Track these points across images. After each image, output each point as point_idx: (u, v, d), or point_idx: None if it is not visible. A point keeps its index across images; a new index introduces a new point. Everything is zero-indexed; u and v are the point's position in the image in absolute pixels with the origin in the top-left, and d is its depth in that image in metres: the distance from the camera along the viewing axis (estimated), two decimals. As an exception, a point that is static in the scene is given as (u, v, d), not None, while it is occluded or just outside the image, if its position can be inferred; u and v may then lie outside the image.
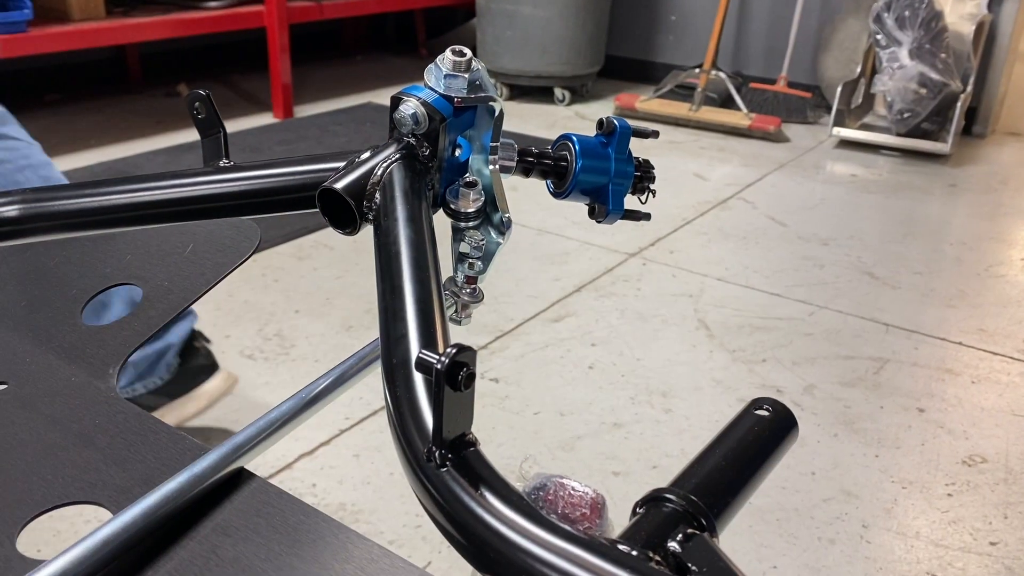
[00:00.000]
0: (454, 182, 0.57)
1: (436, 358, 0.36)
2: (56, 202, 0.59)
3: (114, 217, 0.57)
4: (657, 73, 4.38)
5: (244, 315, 2.15)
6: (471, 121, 0.57)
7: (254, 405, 1.80)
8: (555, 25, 3.96)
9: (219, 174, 0.58)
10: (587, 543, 0.34)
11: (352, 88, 4.34)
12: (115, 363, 0.57)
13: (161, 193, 0.58)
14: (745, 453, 0.42)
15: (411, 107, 0.54)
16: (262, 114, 3.80)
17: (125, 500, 0.43)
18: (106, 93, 4.01)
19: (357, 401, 1.79)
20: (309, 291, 2.30)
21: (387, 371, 0.43)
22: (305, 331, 2.09)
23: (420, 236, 0.50)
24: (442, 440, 0.37)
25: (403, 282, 0.47)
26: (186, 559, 0.42)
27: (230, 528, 0.43)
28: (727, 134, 3.76)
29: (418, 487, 0.38)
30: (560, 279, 2.39)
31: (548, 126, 3.82)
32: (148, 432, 0.51)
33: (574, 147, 0.60)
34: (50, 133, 3.43)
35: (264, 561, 0.42)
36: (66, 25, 3.13)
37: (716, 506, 0.38)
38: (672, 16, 4.50)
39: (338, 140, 3.49)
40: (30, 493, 0.47)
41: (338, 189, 0.52)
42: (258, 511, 0.44)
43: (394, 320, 0.45)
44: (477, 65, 0.55)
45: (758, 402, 0.44)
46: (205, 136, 0.61)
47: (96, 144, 3.33)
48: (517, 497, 0.37)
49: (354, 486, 1.58)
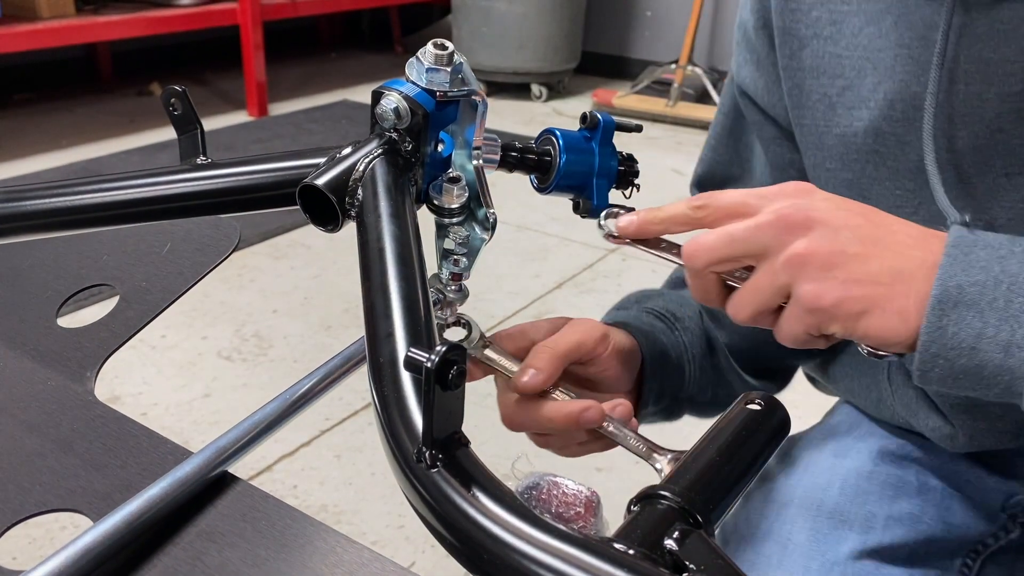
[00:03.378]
0: (437, 177, 0.56)
1: (426, 356, 0.35)
2: (29, 201, 0.57)
3: (89, 216, 0.56)
4: (633, 69, 4.39)
5: (221, 316, 2.13)
6: (454, 115, 0.56)
7: (233, 408, 1.78)
8: (531, 21, 3.95)
9: (197, 171, 0.57)
10: (583, 543, 0.33)
11: (327, 85, 4.31)
12: (92, 366, 0.55)
13: (137, 191, 0.56)
14: (738, 448, 0.41)
15: (393, 101, 0.53)
16: (236, 112, 3.77)
17: (106, 507, 0.42)
18: (77, 92, 3.96)
19: (337, 401, 1.78)
20: (286, 291, 2.28)
21: (374, 370, 0.42)
22: (283, 331, 2.07)
23: (404, 232, 0.49)
24: (432, 440, 0.37)
25: (388, 279, 0.46)
26: (170, 566, 0.41)
27: (215, 534, 0.42)
28: (704, 129, 3.77)
29: (408, 488, 0.37)
30: (540, 275, 2.39)
31: (526, 122, 3.82)
32: (128, 436, 0.49)
33: (558, 142, 0.60)
34: (20, 133, 3.38)
35: (251, 567, 0.41)
36: (35, 23, 3.08)
37: (711, 502, 0.38)
38: (648, 12, 4.51)
39: (313, 138, 3.46)
40: (7, 501, 0.46)
41: (319, 185, 0.51)
42: (243, 515, 0.43)
43: (380, 318, 0.44)
44: (459, 59, 0.54)
45: (749, 396, 0.44)
46: (182, 133, 0.60)
47: (68, 144, 3.29)
48: (510, 497, 0.36)
49: (336, 487, 1.57)
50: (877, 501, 0.72)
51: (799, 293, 0.49)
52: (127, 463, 0.48)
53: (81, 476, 0.47)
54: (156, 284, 0.61)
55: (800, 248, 0.49)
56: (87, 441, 0.50)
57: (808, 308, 0.49)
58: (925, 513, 0.72)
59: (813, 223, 0.49)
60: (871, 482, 0.74)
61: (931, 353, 0.48)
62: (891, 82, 0.64)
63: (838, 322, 0.49)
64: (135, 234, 0.65)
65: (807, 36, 0.68)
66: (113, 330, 0.58)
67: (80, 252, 0.65)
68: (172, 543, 0.42)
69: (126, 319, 0.59)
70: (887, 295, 0.48)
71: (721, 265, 0.52)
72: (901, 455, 0.75)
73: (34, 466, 0.48)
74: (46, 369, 0.56)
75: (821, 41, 0.68)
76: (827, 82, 0.68)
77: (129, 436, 0.50)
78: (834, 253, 0.48)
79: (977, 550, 0.72)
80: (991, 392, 0.48)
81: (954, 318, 0.47)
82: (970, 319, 0.46)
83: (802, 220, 0.49)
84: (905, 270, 0.48)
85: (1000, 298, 0.46)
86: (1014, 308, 0.46)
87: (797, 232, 0.49)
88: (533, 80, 4.14)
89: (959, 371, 0.47)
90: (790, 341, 0.52)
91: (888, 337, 0.48)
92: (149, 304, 0.60)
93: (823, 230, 0.49)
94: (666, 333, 0.73)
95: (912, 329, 0.48)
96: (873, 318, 0.48)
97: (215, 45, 4.40)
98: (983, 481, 0.73)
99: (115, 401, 1.80)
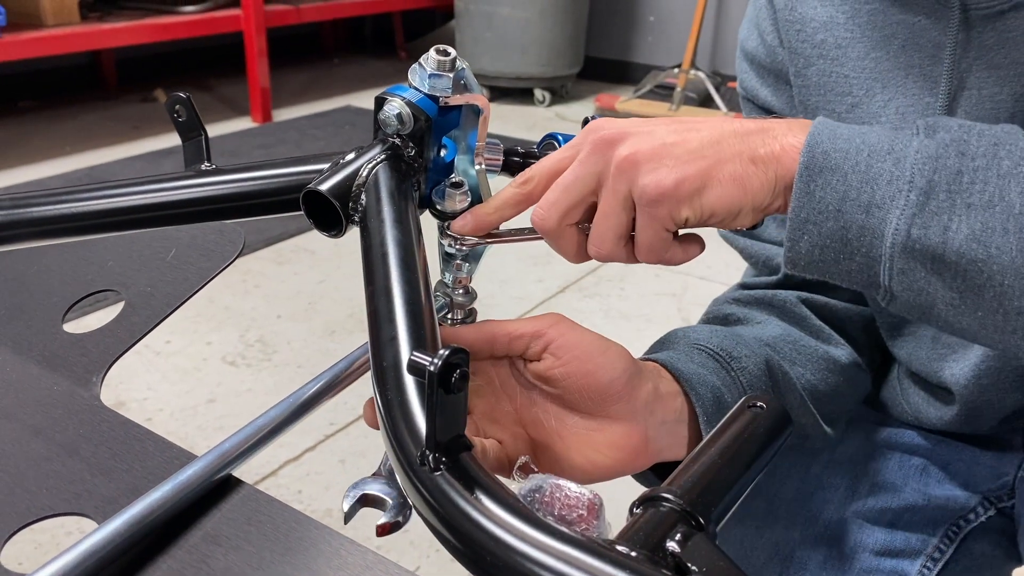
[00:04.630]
0: (440, 183, 0.56)
1: (429, 360, 0.35)
2: (35, 208, 0.58)
3: (95, 223, 0.56)
4: (636, 73, 4.39)
5: (225, 321, 2.13)
6: (457, 121, 0.56)
7: (237, 413, 1.78)
8: (534, 26, 3.96)
9: (201, 177, 0.57)
10: (586, 545, 0.33)
11: (331, 91, 4.32)
12: (98, 371, 0.56)
13: (143, 198, 0.57)
14: (739, 451, 0.41)
15: (396, 107, 0.53)
16: (240, 118, 3.78)
17: (111, 510, 0.42)
18: (82, 99, 3.97)
19: (342, 406, 1.78)
20: (290, 296, 2.28)
21: (378, 374, 0.42)
22: (287, 336, 2.08)
23: (408, 237, 0.49)
24: (436, 443, 0.37)
25: (392, 284, 0.46)
26: (175, 569, 0.41)
27: (220, 537, 0.42)
28: (707, 133, 3.77)
29: (412, 492, 0.38)
30: (544, 280, 2.39)
31: (528, 127, 3.82)
32: (134, 441, 0.50)
33: (560, 146, 0.60)
34: (25, 140, 3.39)
35: (256, 570, 0.41)
36: (40, 31, 3.09)
37: (713, 505, 0.38)
38: (650, 16, 4.52)
39: (317, 144, 3.47)
40: (13, 506, 0.46)
41: (323, 191, 0.51)
42: (248, 519, 0.43)
43: (384, 322, 0.44)
44: (462, 64, 0.54)
45: (751, 399, 0.44)
46: (186, 139, 0.60)
47: (72, 151, 3.30)
48: (513, 500, 0.36)
49: (340, 492, 1.57)
50: (861, 471, 0.75)
51: (640, 190, 0.51)
52: (132, 467, 0.48)
53: (87, 480, 0.48)
54: (161, 290, 0.61)
55: (624, 152, 0.51)
56: (93, 445, 0.50)
57: (652, 199, 0.50)
58: (906, 485, 0.75)
59: (627, 134, 0.52)
60: (857, 456, 0.77)
61: (801, 219, 0.49)
62: (903, 97, 0.65)
63: (684, 204, 0.50)
64: (140, 240, 0.66)
65: (812, 56, 0.69)
66: (118, 336, 0.59)
67: (85, 258, 0.66)
68: (177, 546, 0.42)
69: (131, 324, 0.59)
70: (716, 164, 0.50)
71: (570, 215, 0.54)
72: (889, 436, 0.78)
73: (40, 470, 0.49)
74: (52, 374, 0.56)
75: (827, 62, 0.69)
76: (834, 99, 0.69)
77: (134, 440, 0.50)
78: (656, 147, 0.51)
79: (959, 524, 0.74)
80: (854, 262, 0.49)
81: (820, 183, 0.48)
82: (835, 183, 0.48)
83: (617, 135, 0.52)
84: (722, 139, 0.51)
85: (862, 163, 0.48)
86: (873, 172, 0.48)
87: (617, 145, 0.52)
88: (536, 85, 4.14)
89: (826, 235, 0.49)
90: (651, 252, 0.53)
91: (732, 205, 0.50)
92: (154, 309, 0.60)
93: (639, 134, 0.52)
94: (720, 373, 0.63)
95: (750, 194, 0.50)
96: (712, 190, 0.50)
97: (219, 52, 4.41)
98: (976, 458, 0.76)
99: (120, 406, 1.80)
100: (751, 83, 0.78)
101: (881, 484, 0.74)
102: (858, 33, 0.67)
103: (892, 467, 0.76)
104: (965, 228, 0.45)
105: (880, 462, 0.76)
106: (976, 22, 0.61)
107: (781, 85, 0.75)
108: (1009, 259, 0.45)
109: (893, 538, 0.72)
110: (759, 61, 0.76)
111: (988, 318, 0.47)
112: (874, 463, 0.76)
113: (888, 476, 0.75)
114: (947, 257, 0.46)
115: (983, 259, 0.45)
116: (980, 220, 0.45)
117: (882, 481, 0.75)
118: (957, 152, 0.46)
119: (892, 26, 0.65)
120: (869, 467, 0.76)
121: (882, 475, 0.75)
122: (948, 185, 0.46)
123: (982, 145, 0.46)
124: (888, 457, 0.77)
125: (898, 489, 0.74)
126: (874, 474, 0.75)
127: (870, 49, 0.66)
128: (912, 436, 0.78)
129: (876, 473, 0.76)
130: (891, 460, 0.77)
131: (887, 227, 0.47)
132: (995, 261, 0.45)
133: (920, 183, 0.46)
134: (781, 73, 0.74)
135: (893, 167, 0.47)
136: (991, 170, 0.46)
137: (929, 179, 0.46)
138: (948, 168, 0.46)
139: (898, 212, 0.47)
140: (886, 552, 0.72)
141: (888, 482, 0.75)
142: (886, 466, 0.76)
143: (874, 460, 0.77)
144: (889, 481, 0.75)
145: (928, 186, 0.46)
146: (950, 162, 0.46)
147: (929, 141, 0.47)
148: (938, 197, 0.46)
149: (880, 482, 0.75)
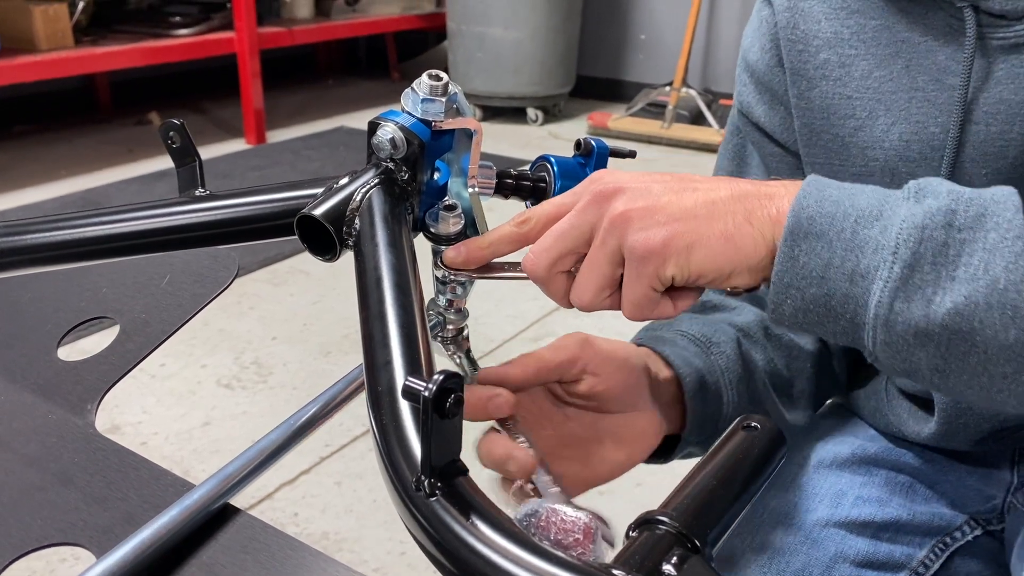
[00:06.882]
0: (433, 206, 0.56)
1: (423, 385, 0.35)
2: (29, 235, 0.58)
3: (89, 249, 0.57)
4: (628, 91, 4.41)
5: (220, 344, 2.13)
6: (450, 144, 0.56)
7: (233, 436, 1.77)
8: (525, 46, 3.98)
9: (195, 203, 0.57)
10: (582, 570, 0.33)
11: (324, 112, 4.33)
12: (93, 399, 0.56)
13: (137, 224, 0.57)
14: (735, 471, 0.41)
15: (389, 132, 0.54)
16: (234, 140, 3.79)
17: (107, 540, 0.42)
18: (76, 123, 3.98)
19: (337, 428, 1.78)
20: (286, 317, 2.28)
21: (372, 399, 0.42)
22: (283, 358, 2.07)
23: (401, 261, 0.50)
24: (431, 468, 0.37)
25: (386, 308, 0.46)
26: (171, 599, 0.41)
27: (216, 566, 0.42)
28: (699, 151, 3.79)
29: (408, 517, 0.38)
30: (539, 298, 2.38)
31: (522, 146, 3.83)
32: (129, 469, 0.49)
33: (552, 168, 0.60)
34: (20, 164, 3.39)
35: (251, 598, 0.41)
36: (34, 55, 3.10)
37: (709, 527, 0.38)
38: (641, 35, 4.55)
39: (312, 165, 3.47)
40: (8, 536, 0.46)
41: (317, 216, 0.51)
42: (244, 547, 0.43)
43: (378, 347, 0.44)
44: (454, 88, 0.55)
45: (746, 419, 0.44)
46: (180, 166, 0.60)
47: (66, 175, 3.30)
48: (509, 524, 0.36)
49: (336, 515, 1.56)
50: (848, 483, 0.76)
51: (629, 246, 0.51)
52: (128, 496, 0.48)
53: (82, 510, 0.47)
54: (156, 316, 0.61)
55: (619, 208, 0.51)
56: (88, 474, 0.50)
57: (641, 256, 0.50)
58: (892, 499, 0.75)
59: (624, 189, 0.52)
60: (843, 468, 0.77)
61: (784, 283, 0.49)
62: (906, 123, 0.65)
63: (671, 262, 0.50)
64: (134, 266, 0.66)
65: (815, 77, 0.69)
66: (113, 362, 0.58)
67: (80, 285, 0.66)
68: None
69: (126, 351, 0.59)
70: (707, 224, 0.50)
71: (561, 262, 0.54)
72: (878, 451, 0.78)
73: (35, 500, 0.48)
74: (46, 402, 0.56)
75: (830, 83, 0.69)
76: (838, 122, 0.69)
77: (130, 469, 0.50)
78: (650, 205, 0.51)
79: (945, 542, 0.74)
80: (839, 325, 0.49)
81: (804, 248, 0.48)
82: (819, 249, 0.48)
83: (613, 190, 0.52)
84: (717, 199, 0.50)
85: (847, 229, 0.48)
86: (859, 239, 0.47)
87: (613, 199, 0.52)
88: (529, 104, 4.16)
89: (810, 301, 0.49)
90: (636, 308, 0.53)
91: (721, 265, 0.50)
92: (149, 336, 0.60)
93: (635, 190, 0.52)
94: (701, 356, 0.71)
95: (742, 253, 0.50)
96: (701, 249, 0.50)
97: (213, 74, 4.43)
98: (963, 479, 0.76)
99: (115, 431, 1.79)
100: (749, 97, 0.77)
101: (866, 497, 0.75)
102: (862, 50, 0.67)
103: (878, 481, 0.76)
104: (948, 302, 0.45)
105: (866, 476, 0.76)
106: (991, 52, 0.61)
107: (776, 105, 0.75)
108: (992, 332, 0.44)
109: (876, 549, 0.72)
110: (759, 75, 0.76)
111: (974, 380, 0.47)
112: (860, 476, 0.76)
113: (874, 490, 0.75)
114: (930, 330, 0.46)
115: (967, 331, 0.45)
116: (964, 294, 0.45)
117: (867, 494, 0.75)
118: (944, 223, 0.46)
119: (897, 44, 0.65)
120: (855, 479, 0.76)
121: (868, 488, 0.75)
122: (933, 257, 0.46)
123: (969, 215, 0.46)
124: (874, 473, 0.77)
125: (883, 503, 0.74)
126: (860, 487, 0.76)
127: (874, 67, 0.66)
128: (900, 454, 0.78)
129: (862, 486, 0.76)
130: (877, 475, 0.77)
131: (871, 297, 0.47)
132: (978, 334, 0.45)
133: (904, 255, 0.46)
134: (777, 93, 0.74)
135: (879, 235, 0.47)
136: (977, 243, 0.45)
137: (914, 251, 0.46)
138: (934, 240, 0.46)
139: (881, 284, 0.46)
140: (868, 564, 0.71)
141: (873, 496, 0.75)
142: (872, 480, 0.76)
143: (860, 474, 0.77)
144: (875, 495, 0.75)
145: (913, 259, 0.46)
146: (936, 233, 0.46)
147: (917, 208, 0.47)
148: (922, 270, 0.46)
149: (865, 495, 0.75)
